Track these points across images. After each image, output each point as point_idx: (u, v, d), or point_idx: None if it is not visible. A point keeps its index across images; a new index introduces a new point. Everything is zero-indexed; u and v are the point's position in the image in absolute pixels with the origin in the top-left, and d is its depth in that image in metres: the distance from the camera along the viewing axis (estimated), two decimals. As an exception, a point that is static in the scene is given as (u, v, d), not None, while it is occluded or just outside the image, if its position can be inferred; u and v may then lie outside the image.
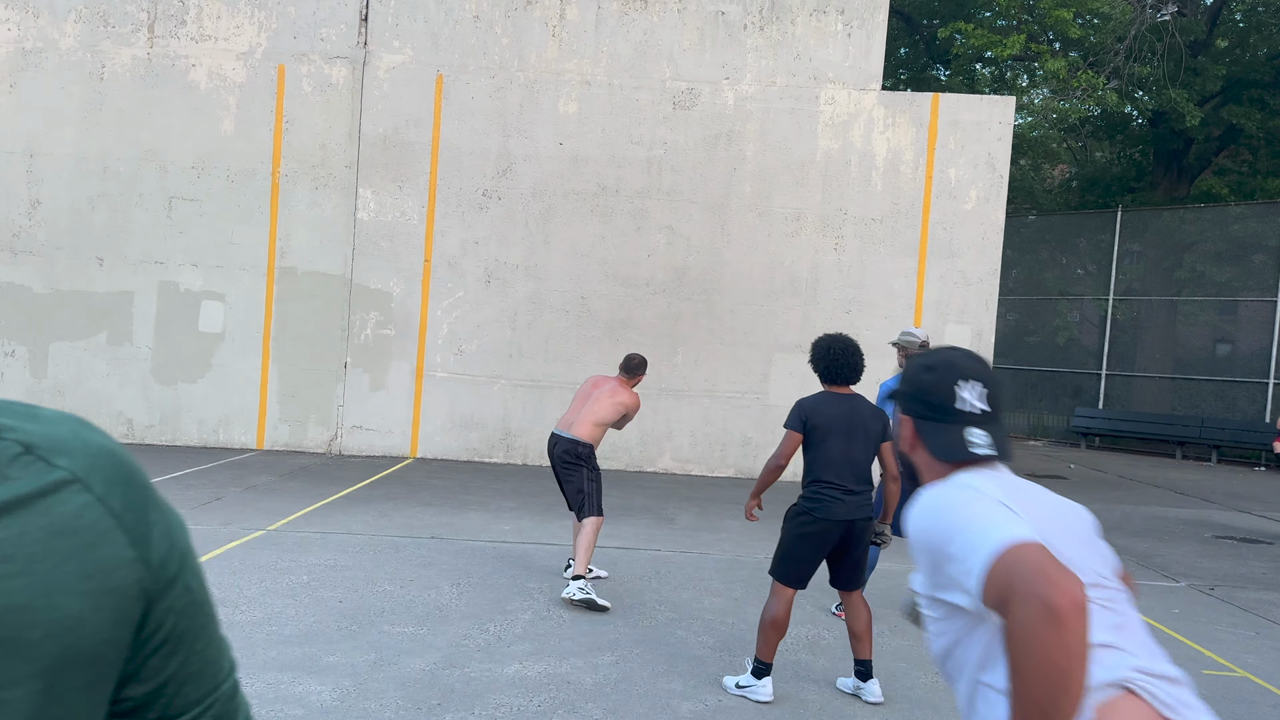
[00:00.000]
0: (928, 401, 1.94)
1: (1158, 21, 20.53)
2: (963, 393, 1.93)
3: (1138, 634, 1.73)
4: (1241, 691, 5.48)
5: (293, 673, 4.90)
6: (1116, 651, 1.66)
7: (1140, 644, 1.71)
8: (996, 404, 1.96)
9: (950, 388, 1.93)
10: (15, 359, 12.82)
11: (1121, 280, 21.75)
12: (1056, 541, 1.70)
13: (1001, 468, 1.91)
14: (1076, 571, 1.67)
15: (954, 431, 1.90)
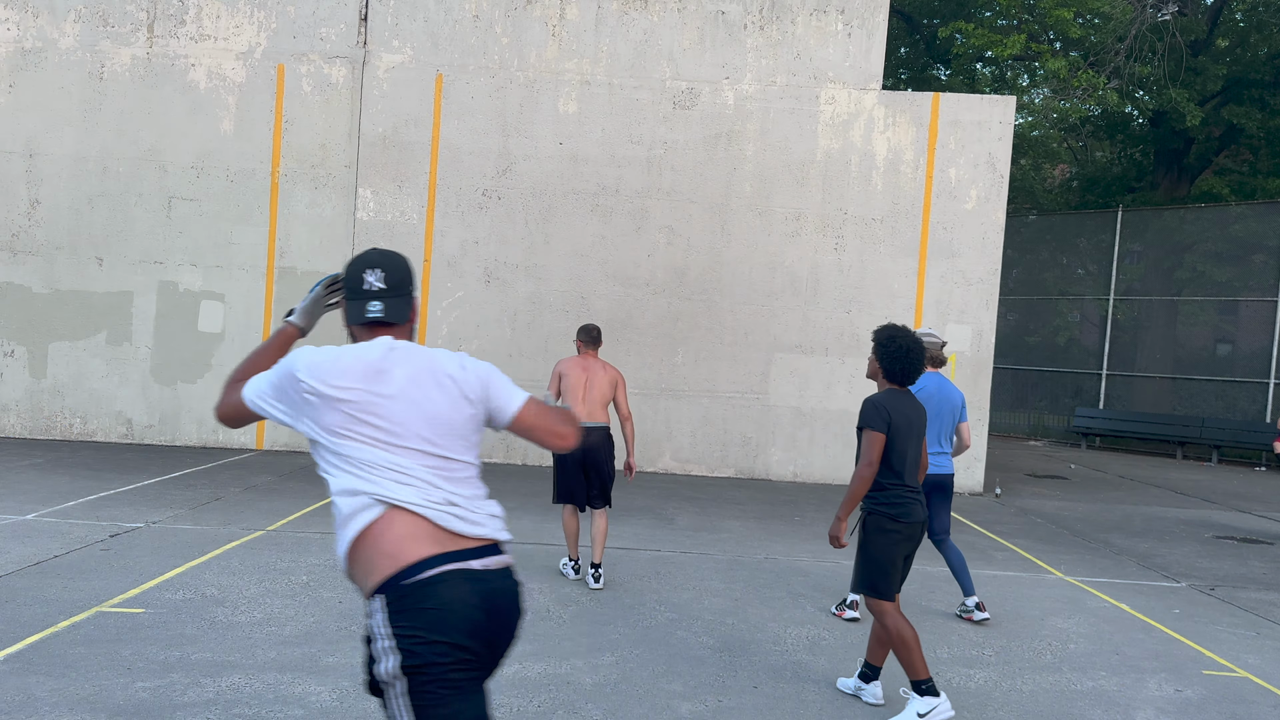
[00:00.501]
0: (348, 285, 2.69)
1: (1158, 21, 20.53)
2: (368, 277, 2.64)
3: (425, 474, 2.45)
4: (1241, 691, 5.48)
5: (293, 673, 4.90)
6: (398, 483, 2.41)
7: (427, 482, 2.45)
8: (395, 284, 2.63)
9: (360, 274, 2.66)
10: (15, 359, 12.81)
11: (1122, 280, 21.74)
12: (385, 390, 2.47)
13: (391, 335, 2.62)
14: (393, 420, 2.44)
15: (359, 304, 2.64)
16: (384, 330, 2.63)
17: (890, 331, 4.80)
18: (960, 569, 6.51)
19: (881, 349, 4.78)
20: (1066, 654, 5.98)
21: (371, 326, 2.63)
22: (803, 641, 5.89)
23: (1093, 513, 11.80)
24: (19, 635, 5.22)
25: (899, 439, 4.67)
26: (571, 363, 7.05)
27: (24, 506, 8.44)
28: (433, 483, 2.46)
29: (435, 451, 2.48)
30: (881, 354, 4.78)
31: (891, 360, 4.76)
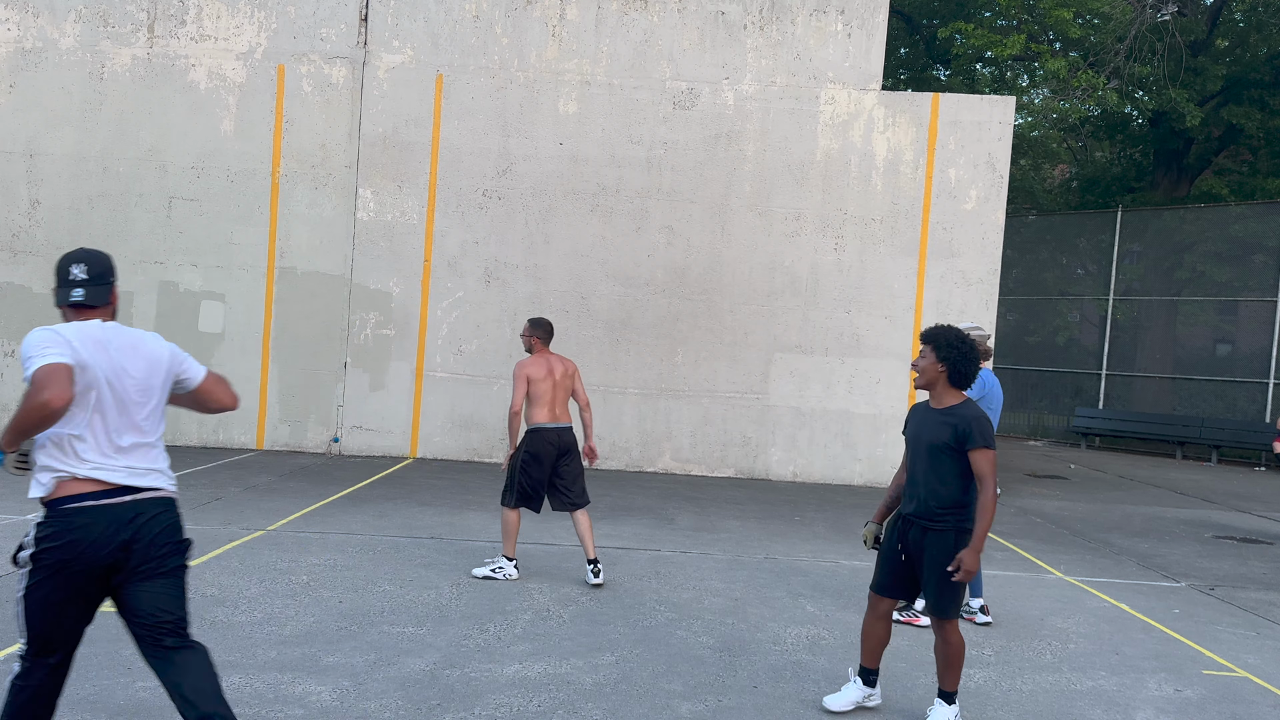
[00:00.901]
0: (57, 276, 3.37)
1: (1158, 21, 20.53)
2: (73, 269, 3.34)
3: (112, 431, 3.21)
4: (1241, 691, 5.48)
5: (293, 673, 4.90)
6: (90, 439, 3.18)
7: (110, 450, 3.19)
8: (95, 275, 3.35)
9: (67, 267, 3.34)
10: (15, 359, 12.82)
11: (1121, 280, 21.75)
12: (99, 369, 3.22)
13: (96, 318, 3.35)
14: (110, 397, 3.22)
15: (65, 291, 3.33)
16: (90, 313, 3.36)
17: (957, 333, 4.40)
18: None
19: (952, 351, 4.33)
20: (1066, 654, 5.98)
21: (79, 309, 3.36)
22: (803, 641, 5.90)
23: (1093, 513, 11.80)
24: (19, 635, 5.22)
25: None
26: (536, 364, 6.88)
27: (24, 506, 8.44)
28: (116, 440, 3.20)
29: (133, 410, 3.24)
30: (953, 357, 4.33)
31: (967, 363, 4.34)
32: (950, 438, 4.29)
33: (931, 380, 4.41)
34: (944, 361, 4.35)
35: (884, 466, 12.88)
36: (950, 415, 4.34)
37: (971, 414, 4.30)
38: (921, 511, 4.39)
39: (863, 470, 12.91)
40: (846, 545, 8.88)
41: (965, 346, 4.34)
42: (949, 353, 4.35)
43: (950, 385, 4.39)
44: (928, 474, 4.37)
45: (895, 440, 12.85)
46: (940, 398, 4.41)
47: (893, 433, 12.86)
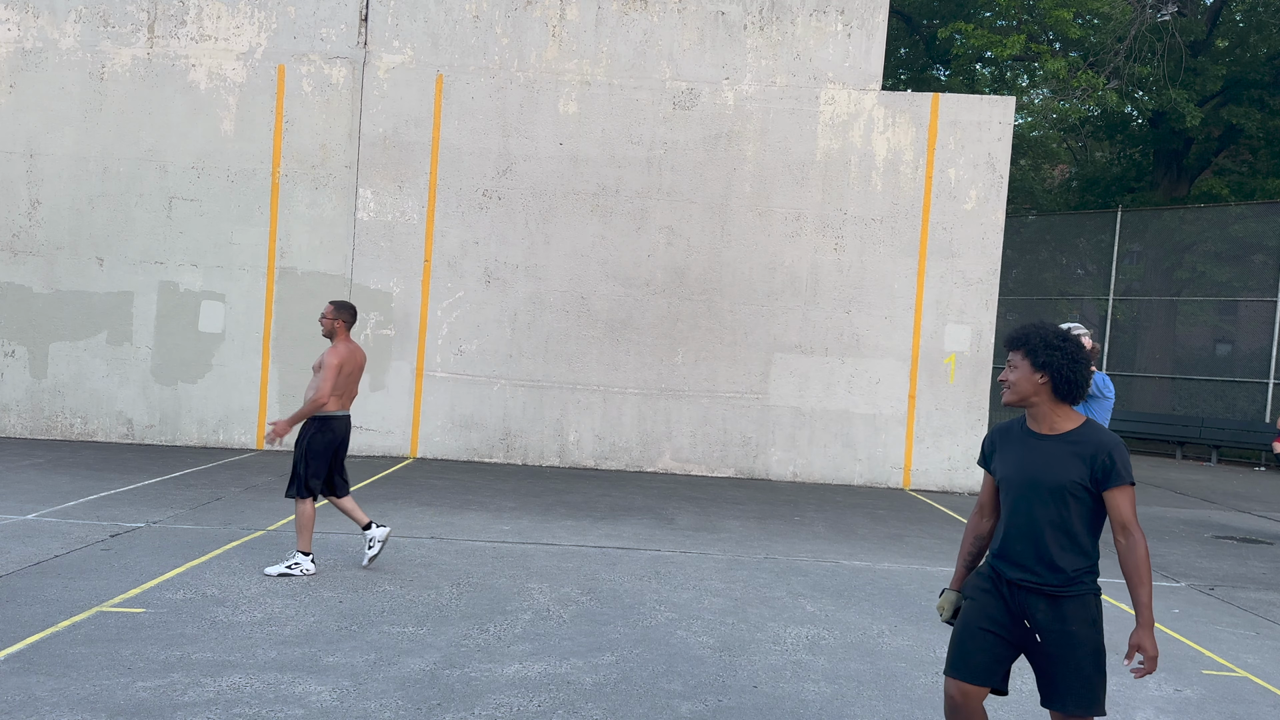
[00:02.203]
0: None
1: (1158, 21, 20.53)
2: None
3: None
4: (1241, 691, 5.48)
5: (293, 673, 4.90)
6: None
7: None
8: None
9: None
10: (15, 359, 12.82)
11: (1121, 280, 21.75)
12: None
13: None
14: None
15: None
16: None
17: (1056, 331, 3.37)
18: None
19: (1054, 355, 3.29)
20: (1066, 654, 5.97)
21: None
22: (803, 641, 5.90)
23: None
24: (19, 635, 5.23)
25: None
26: (348, 352, 6.78)
27: (24, 506, 8.45)
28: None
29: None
30: (1056, 362, 3.29)
31: (1076, 369, 3.30)
32: (1081, 474, 3.22)
33: (1027, 395, 3.33)
34: (1044, 369, 3.29)
35: (884, 466, 12.89)
36: (1074, 444, 3.27)
37: (1106, 441, 3.26)
38: (1041, 577, 3.28)
39: (863, 470, 12.91)
40: (846, 545, 8.88)
41: (1070, 346, 3.31)
42: (1050, 356, 3.28)
43: (1057, 400, 3.32)
44: (1048, 523, 3.26)
45: (895, 440, 12.86)
46: (1047, 418, 3.33)
47: (893, 433, 12.86)
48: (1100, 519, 3.29)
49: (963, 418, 12.84)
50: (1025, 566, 3.31)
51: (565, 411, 12.95)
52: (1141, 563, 3.20)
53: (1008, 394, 3.37)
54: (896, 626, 6.33)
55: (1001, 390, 3.39)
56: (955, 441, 12.84)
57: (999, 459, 3.45)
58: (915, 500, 11.98)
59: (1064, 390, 3.30)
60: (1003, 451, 3.44)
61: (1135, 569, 3.20)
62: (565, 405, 12.95)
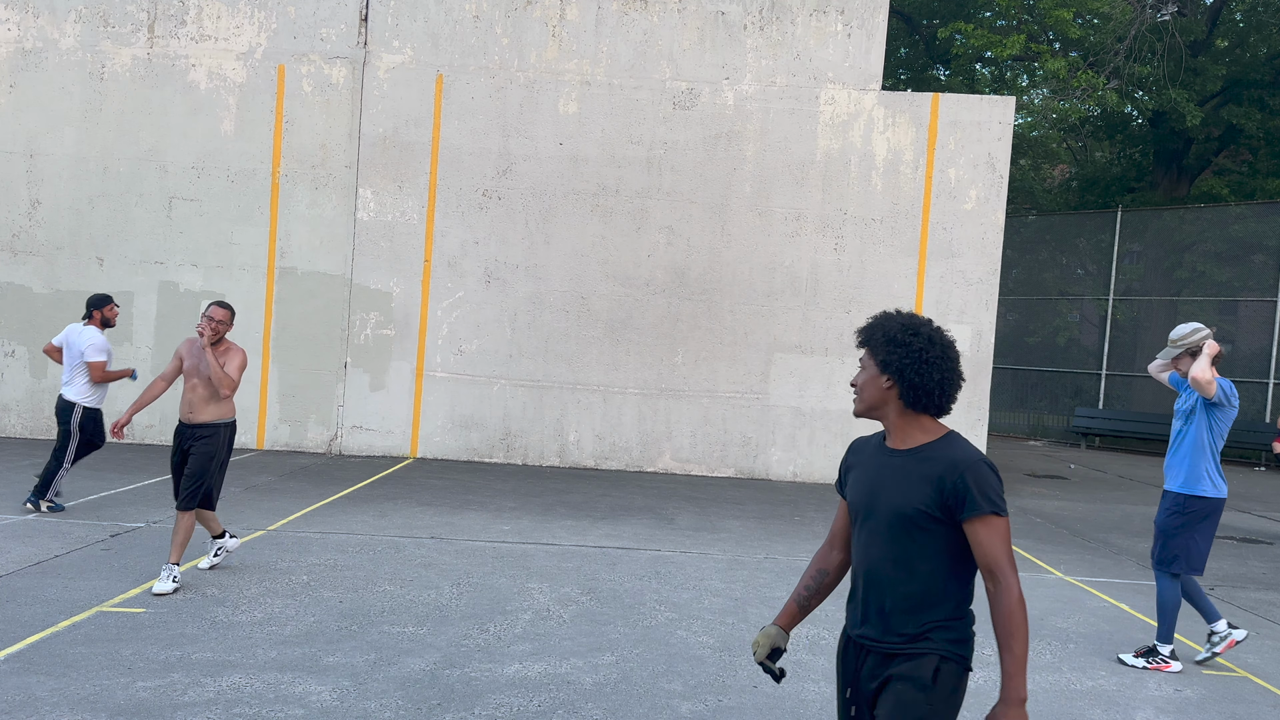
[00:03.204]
0: None
1: (1158, 21, 20.53)
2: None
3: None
4: (1241, 691, 5.48)
5: (293, 673, 4.90)
6: None
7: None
8: None
9: None
10: (15, 359, 12.82)
11: (1121, 280, 21.75)
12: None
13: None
14: None
15: None
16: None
17: (905, 323, 2.63)
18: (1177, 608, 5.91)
19: (898, 353, 2.58)
20: (1066, 654, 5.98)
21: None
22: (803, 641, 5.90)
23: (1093, 513, 11.80)
24: (19, 635, 5.23)
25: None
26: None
27: (24, 506, 8.44)
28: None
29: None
30: (900, 362, 2.58)
31: (925, 371, 2.57)
32: (926, 500, 2.50)
33: (875, 402, 2.63)
34: (887, 371, 2.59)
35: (884, 466, 12.87)
36: (924, 461, 2.54)
37: (961, 458, 2.50)
38: (881, 629, 2.58)
39: (863, 470, 12.88)
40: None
41: (918, 343, 2.57)
42: (891, 355, 2.58)
43: (909, 409, 2.60)
44: (891, 562, 2.56)
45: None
46: (901, 431, 2.61)
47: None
48: (966, 557, 2.53)
49: (963, 418, 12.83)
50: (863, 620, 2.62)
51: (565, 411, 12.95)
52: (1009, 616, 2.42)
53: (857, 403, 2.68)
54: (896, 626, 6.33)
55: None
56: (955, 441, 12.81)
57: (851, 479, 2.71)
58: (915, 500, 11.96)
59: (911, 398, 2.57)
60: (856, 470, 2.70)
61: (1002, 623, 2.43)
62: (565, 405, 12.95)
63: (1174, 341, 5.86)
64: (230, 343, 6.43)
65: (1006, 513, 2.48)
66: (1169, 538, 5.79)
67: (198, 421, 6.34)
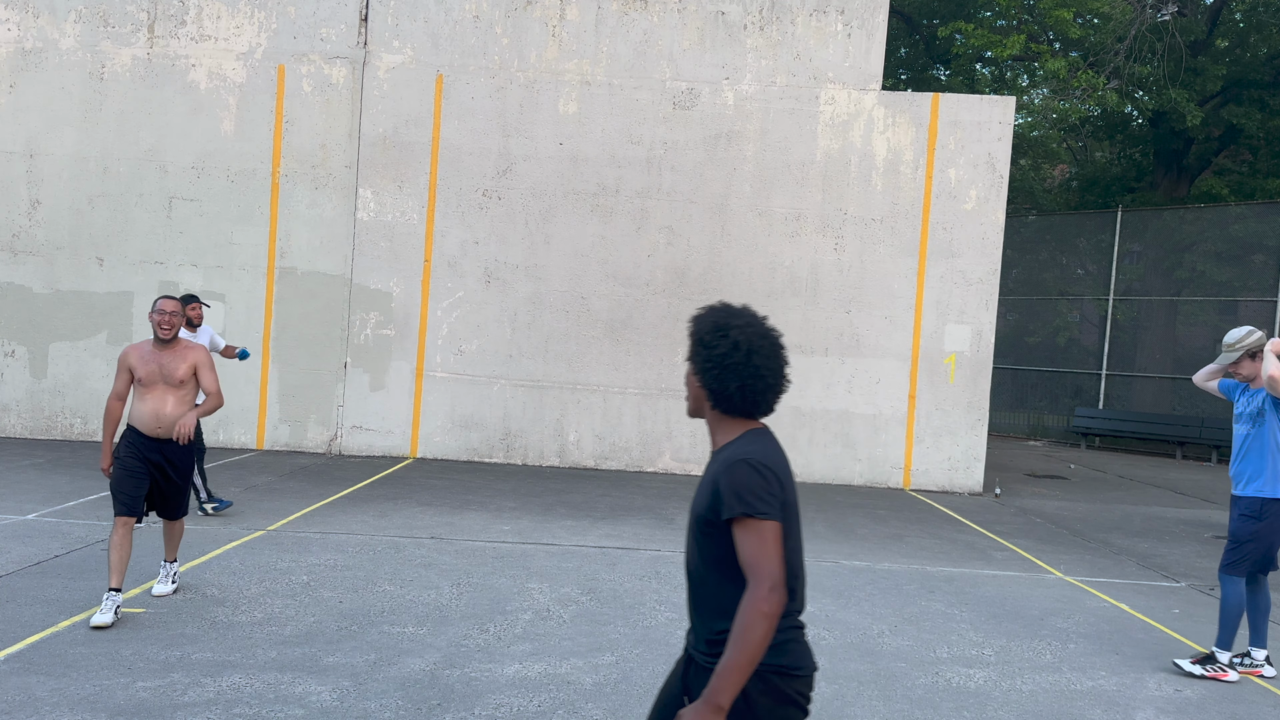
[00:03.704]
0: None
1: (1158, 21, 20.53)
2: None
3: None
4: (1241, 692, 5.48)
5: (293, 673, 4.90)
6: None
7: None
8: None
9: None
10: (15, 359, 12.82)
11: (1121, 280, 21.75)
12: None
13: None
14: None
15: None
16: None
17: (720, 319, 2.49)
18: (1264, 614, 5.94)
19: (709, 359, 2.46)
20: (1066, 654, 5.98)
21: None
22: (803, 641, 5.89)
23: (1093, 513, 11.80)
24: (19, 635, 5.23)
25: (793, 528, 2.47)
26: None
27: (24, 506, 8.45)
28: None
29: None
30: (703, 363, 2.48)
31: (725, 376, 2.45)
32: (707, 505, 2.42)
33: (696, 402, 2.57)
34: (700, 375, 2.49)
35: (884, 466, 12.89)
36: (714, 463, 2.47)
37: (729, 456, 2.41)
38: (695, 638, 2.51)
39: (863, 470, 12.91)
40: (847, 545, 8.88)
41: (724, 345, 2.44)
42: (698, 356, 2.49)
43: (716, 410, 2.51)
44: (692, 567, 2.51)
45: (895, 440, 12.86)
46: (714, 432, 2.55)
47: (893, 433, 12.87)
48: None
49: (963, 418, 12.84)
50: (692, 627, 2.55)
51: (565, 411, 12.95)
52: (741, 621, 2.25)
53: (689, 404, 2.60)
54: (896, 626, 6.33)
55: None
56: (955, 441, 12.84)
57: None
58: (915, 500, 11.98)
59: (714, 400, 2.47)
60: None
61: (735, 626, 2.27)
62: (565, 405, 12.95)
63: (1230, 346, 5.78)
64: (185, 340, 5.85)
65: (762, 513, 2.31)
66: (1242, 543, 5.67)
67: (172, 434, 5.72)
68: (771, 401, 2.47)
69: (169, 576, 6.12)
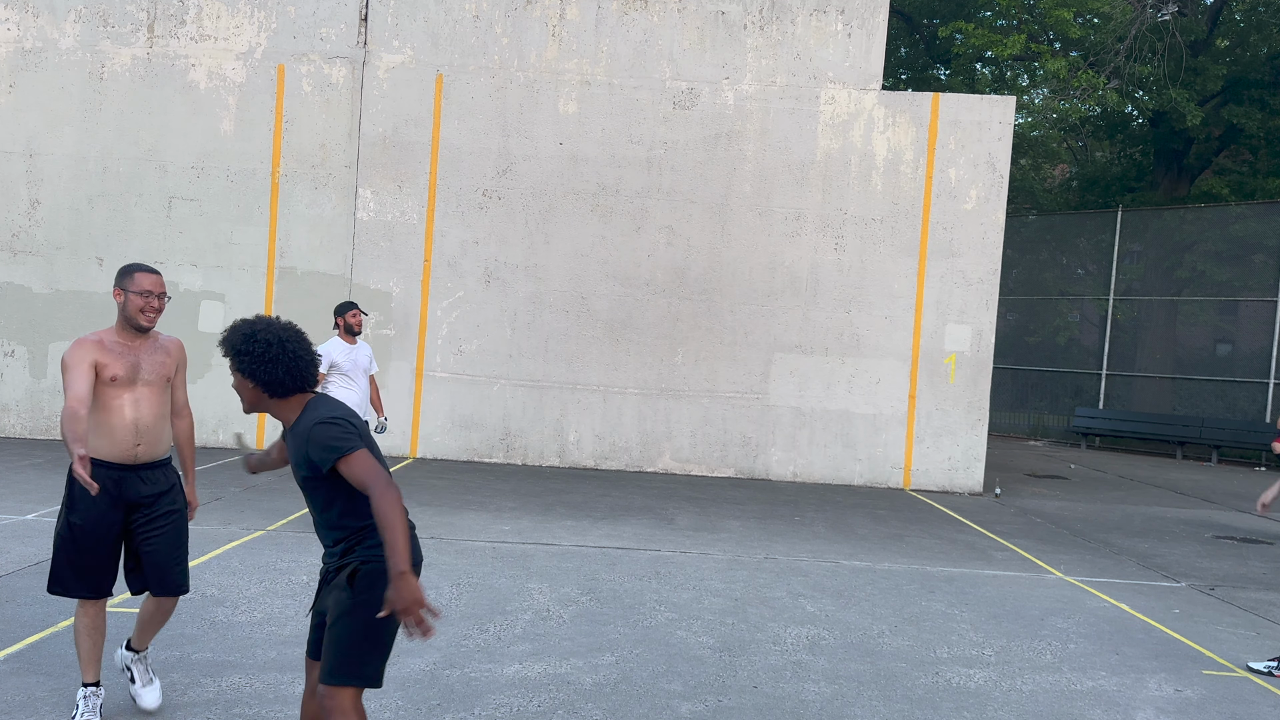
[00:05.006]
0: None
1: (1158, 21, 20.53)
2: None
3: None
4: (1242, 692, 5.48)
5: (293, 673, 4.90)
6: None
7: None
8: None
9: None
10: (15, 359, 12.82)
11: (1121, 280, 21.75)
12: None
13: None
14: None
15: None
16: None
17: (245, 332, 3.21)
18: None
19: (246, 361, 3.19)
20: (1066, 654, 5.98)
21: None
22: (803, 641, 5.90)
23: (1093, 513, 11.80)
24: (19, 635, 5.22)
25: (374, 448, 3.29)
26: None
27: (24, 506, 8.44)
28: None
29: None
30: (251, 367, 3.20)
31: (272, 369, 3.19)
32: (305, 468, 3.17)
33: (253, 401, 3.26)
34: (248, 375, 3.20)
35: (884, 466, 12.88)
36: (298, 436, 3.18)
37: (307, 424, 3.15)
38: (329, 557, 3.31)
39: (863, 470, 12.91)
40: (847, 545, 8.88)
41: (259, 348, 3.16)
42: (244, 363, 3.19)
43: (275, 398, 3.23)
44: (315, 512, 3.28)
45: (895, 440, 12.86)
46: (284, 415, 3.27)
47: (893, 433, 12.87)
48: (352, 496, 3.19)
49: (963, 418, 12.84)
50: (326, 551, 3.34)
51: (565, 411, 12.95)
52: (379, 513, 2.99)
53: (244, 404, 3.29)
54: (896, 626, 6.33)
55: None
56: (955, 441, 12.84)
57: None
58: (915, 500, 11.98)
59: (272, 390, 3.20)
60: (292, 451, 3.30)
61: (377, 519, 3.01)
62: (565, 405, 12.94)
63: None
64: (158, 332, 4.35)
65: (350, 448, 3.07)
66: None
67: (158, 456, 4.24)
68: (313, 374, 3.23)
69: (148, 672, 4.39)
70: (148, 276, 4.16)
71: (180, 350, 4.40)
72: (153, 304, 4.17)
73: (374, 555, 3.17)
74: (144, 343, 4.24)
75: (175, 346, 4.37)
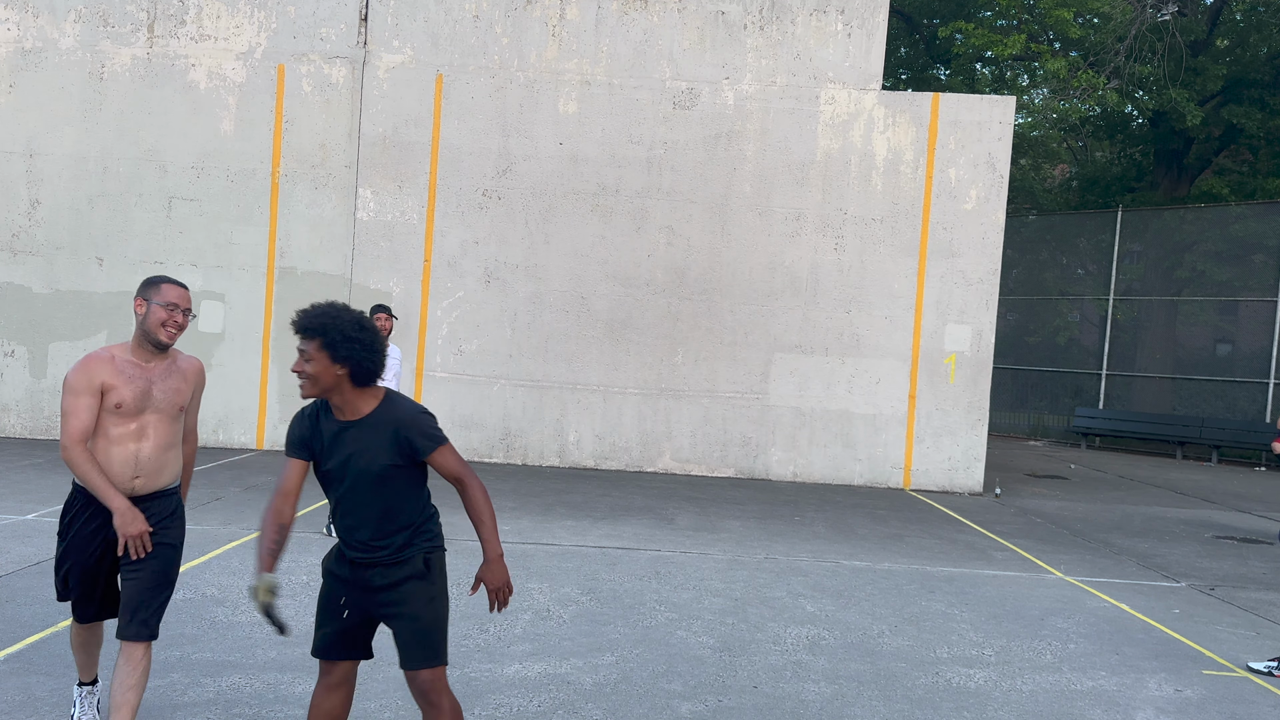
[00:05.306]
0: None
1: (1158, 21, 20.53)
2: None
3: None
4: (1242, 692, 5.48)
5: (293, 673, 4.90)
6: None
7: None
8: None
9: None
10: (15, 359, 12.82)
11: (1121, 280, 21.75)
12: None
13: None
14: None
15: None
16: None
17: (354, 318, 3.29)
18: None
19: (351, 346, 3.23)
20: (1066, 654, 5.98)
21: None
22: (803, 641, 5.90)
23: (1093, 513, 11.80)
24: (19, 635, 5.22)
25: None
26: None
27: (24, 506, 8.44)
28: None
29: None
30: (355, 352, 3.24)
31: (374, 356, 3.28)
32: (390, 455, 3.26)
33: (328, 387, 3.22)
34: (343, 361, 3.20)
35: (884, 466, 12.89)
36: (380, 426, 3.27)
37: (407, 413, 3.29)
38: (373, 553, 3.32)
39: (863, 470, 12.91)
40: (847, 545, 8.88)
41: (368, 334, 3.24)
42: (349, 349, 3.20)
43: (361, 387, 3.27)
44: (377, 506, 3.30)
45: (895, 440, 12.85)
46: (351, 405, 3.28)
47: (893, 433, 12.86)
48: (422, 487, 3.40)
49: (963, 418, 12.84)
50: (357, 547, 3.35)
51: (565, 411, 12.95)
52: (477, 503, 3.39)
53: (306, 387, 3.22)
54: (896, 626, 6.33)
55: (300, 384, 3.22)
56: (955, 441, 12.84)
57: (324, 451, 3.33)
58: (915, 500, 11.98)
59: (359, 378, 3.25)
60: (316, 443, 3.34)
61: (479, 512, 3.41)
62: (565, 405, 12.94)
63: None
64: (178, 351, 3.99)
65: (446, 438, 3.36)
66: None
67: (159, 487, 3.87)
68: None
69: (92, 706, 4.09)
70: (174, 289, 3.83)
71: (199, 375, 4.03)
72: (176, 318, 3.83)
73: (436, 543, 3.41)
74: (159, 364, 3.87)
75: (194, 371, 4.00)
